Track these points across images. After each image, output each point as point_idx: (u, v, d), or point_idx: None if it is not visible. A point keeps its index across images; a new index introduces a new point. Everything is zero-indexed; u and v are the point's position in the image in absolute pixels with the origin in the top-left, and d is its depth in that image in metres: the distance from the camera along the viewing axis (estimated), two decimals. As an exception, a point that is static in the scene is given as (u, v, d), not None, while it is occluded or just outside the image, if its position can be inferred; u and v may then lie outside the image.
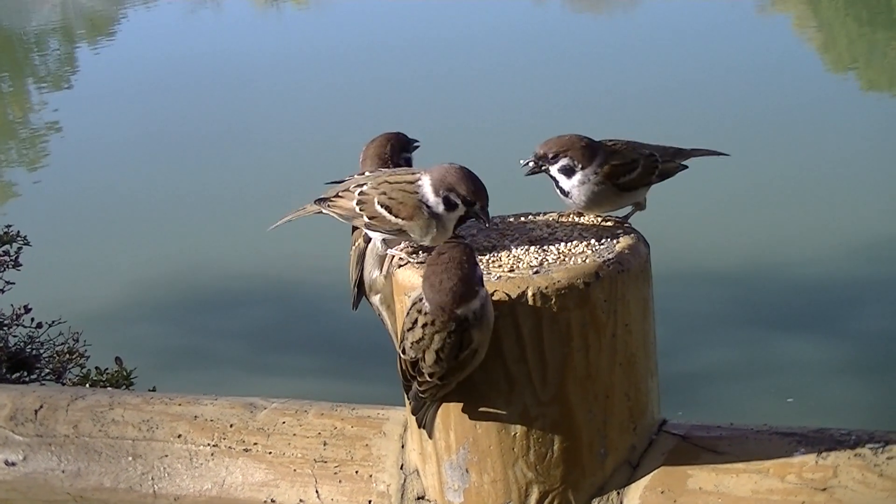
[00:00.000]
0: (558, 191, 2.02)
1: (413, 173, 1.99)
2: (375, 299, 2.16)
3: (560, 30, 19.17)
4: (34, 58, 23.45)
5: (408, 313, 1.78)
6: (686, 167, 2.14)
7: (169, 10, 26.68)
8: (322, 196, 2.08)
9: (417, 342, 1.76)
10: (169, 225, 10.92)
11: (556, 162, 1.99)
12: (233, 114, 15.33)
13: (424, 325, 1.74)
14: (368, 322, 2.23)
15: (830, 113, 12.63)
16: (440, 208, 1.92)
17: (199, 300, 8.91)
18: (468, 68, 16.54)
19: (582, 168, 1.98)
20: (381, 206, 1.96)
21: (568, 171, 1.99)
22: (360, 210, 1.99)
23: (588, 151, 2.00)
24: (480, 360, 1.76)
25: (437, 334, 1.73)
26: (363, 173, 2.10)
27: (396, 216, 1.95)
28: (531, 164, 2.01)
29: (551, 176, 2.01)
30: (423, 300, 1.75)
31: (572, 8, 23.22)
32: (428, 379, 1.76)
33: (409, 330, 1.77)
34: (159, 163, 13.24)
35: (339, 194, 2.05)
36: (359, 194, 2.00)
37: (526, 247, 1.89)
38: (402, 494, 1.98)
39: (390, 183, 1.99)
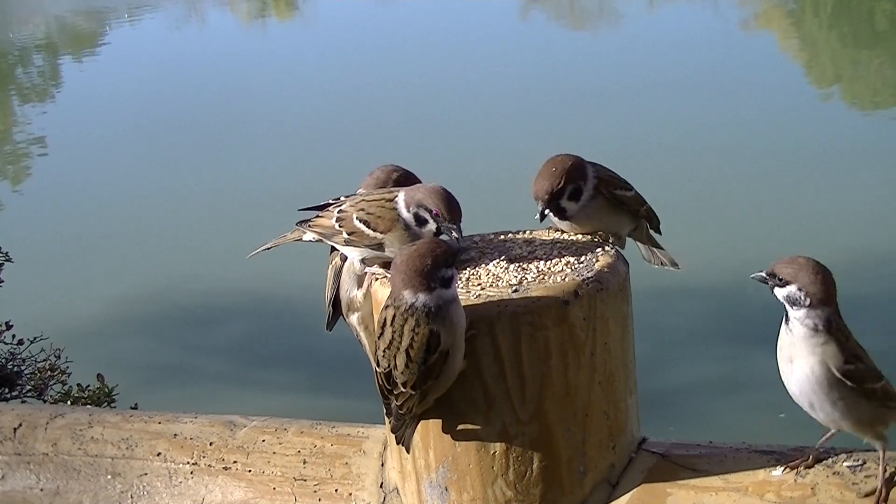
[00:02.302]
0: (556, 219, 2.02)
1: (391, 191, 2.03)
2: (353, 319, 2.17)
3: (545, 46, 19.20)
4: (18, 72, 23.40)
5: (378, 320, 1.79)
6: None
7: (153, 26, 26.67)
8: (302, 219, 2.11)
9: (388, 346, 1.76)
10: (151, 242, 10.89)
11: (564, 193, 1.98)
12: (216, 130, 15.30)
13: (394, 318, 1.75)
14: (349, 338, 2.23)
15: (814, 129, 12.67)
16: (412, 223, 1.96)
17: (182, 317, 8.88)
18: (453, 84, 16.55)
19: (585, 187, 2.00)
20: (360, 222, 2.00)
21: (576, 194, 1.99)
22: (340, 227, 2.01)
23: (582, 171, 2.00)
24: (454, 371, 1.75)
25: (405, 325, 1.73)
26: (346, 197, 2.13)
27: (374, 230, 1.98)
28: (545, 211, 1.99)
29: (561, 208, 2.00)
30: (393, 291, 1.77)
31: (557, 24, 23.26)
32: (402, 389, 1.76)
33: (380, 337, 1.78)
34: (142, 179, 13.21)
35: (319, 215, 2.08)
36: (338, 212, 2.03)
37: (505, 265, 1.89)
38: (382, 513, 1.98)
39: (367, 201, 2.03)
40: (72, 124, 17.16)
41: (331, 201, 2.11)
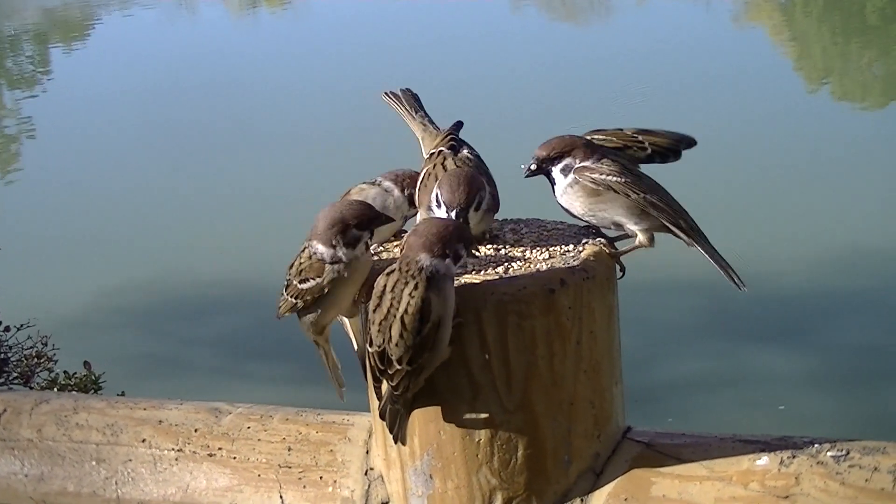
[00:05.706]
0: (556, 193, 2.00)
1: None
2: None
3: (536, 39, 19.20)
4: (7, 61, 23.34)
5: (376, 290, 1.77)
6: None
7: (144, 17, 26.61)
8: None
9: (384, 317, 1.74)
10: (141, 231, 10.87)
11: (558, 162, 1.98)
12: (205, 122, 15.29)
13: (395, 283, 1.73)
14: (336, 330, 2.22)
15: (804, 123, 12.68)
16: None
17: (170, 308, 8.87)
18: (444, 77, 16.54)
19: (564, 165, 1.98)
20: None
21: (567, 170, 1.98)
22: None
23: (588, 150, 1.99)
24: (445, 343, 1.74)
25: (405, 288, 1.72)
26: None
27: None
28: (532, 166, 1.99)
29: (552, 178, 1.99)
30: (406, 250, 1.76)
31: (549, 17, 23.25)
32: (398, 367, 1.74)
33: (375, 309, 1.76)
34: (132, 169, 13.20)
35: None
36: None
37: (492, 253, 1.89)
38: (367, 500, 1.97)
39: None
40: (61, 114, 17.14)
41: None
